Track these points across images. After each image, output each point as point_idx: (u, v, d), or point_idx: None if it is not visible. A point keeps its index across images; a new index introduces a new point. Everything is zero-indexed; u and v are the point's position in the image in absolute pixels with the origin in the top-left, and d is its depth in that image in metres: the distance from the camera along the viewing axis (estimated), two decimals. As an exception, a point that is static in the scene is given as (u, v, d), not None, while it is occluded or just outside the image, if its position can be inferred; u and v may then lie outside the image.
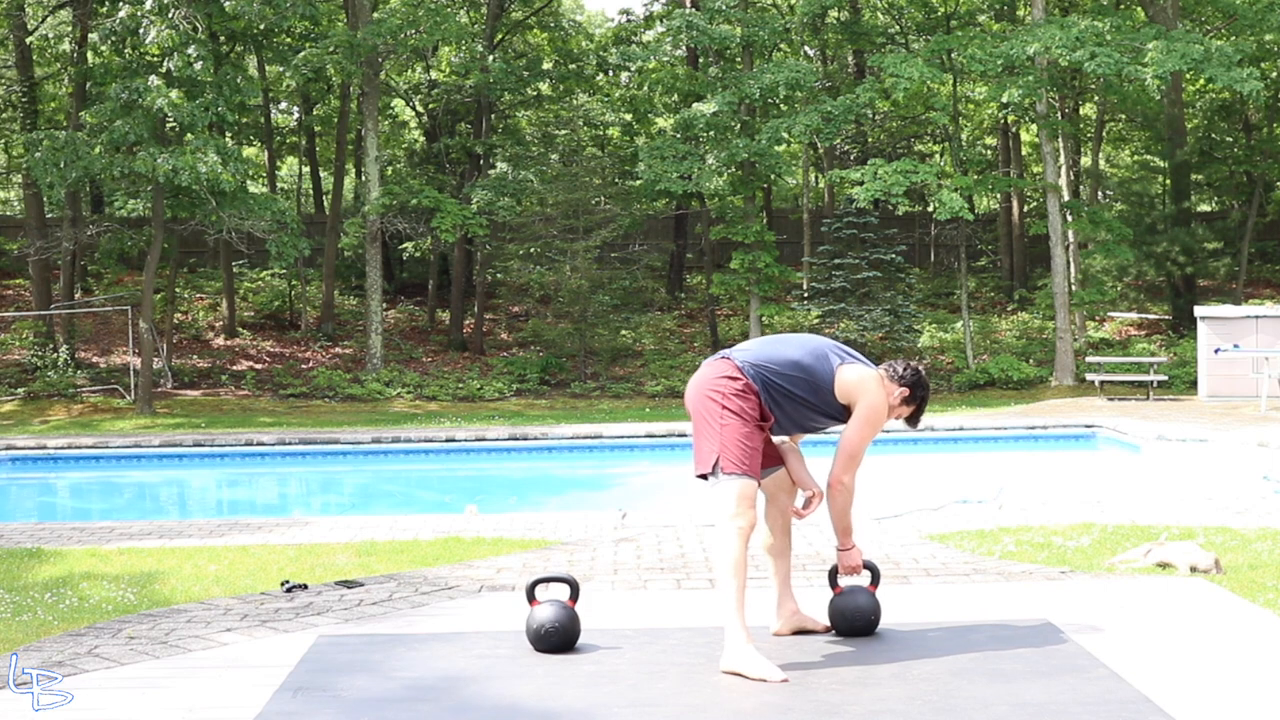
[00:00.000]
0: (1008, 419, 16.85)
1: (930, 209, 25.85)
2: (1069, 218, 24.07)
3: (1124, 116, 30.61)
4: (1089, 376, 20.40)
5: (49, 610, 5.96)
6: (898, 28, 29.16)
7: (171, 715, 4.34)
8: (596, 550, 7.39)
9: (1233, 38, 23.09)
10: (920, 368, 5.15)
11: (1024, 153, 30.94)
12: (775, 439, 5.23)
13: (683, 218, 28.69)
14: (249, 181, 25.27)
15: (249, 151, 31.49)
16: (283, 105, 31.38)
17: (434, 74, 28.11)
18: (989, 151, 31.10)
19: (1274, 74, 26.73)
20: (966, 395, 21.41)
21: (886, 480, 13.80)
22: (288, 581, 6.42)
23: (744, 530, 4.75)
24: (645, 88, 26.07)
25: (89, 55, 23.57)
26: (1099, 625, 5.33)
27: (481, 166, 26.17)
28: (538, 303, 25.63)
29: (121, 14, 19.05)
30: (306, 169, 33.35)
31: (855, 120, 25.06)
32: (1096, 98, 28.45)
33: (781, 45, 25.75)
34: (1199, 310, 19.65)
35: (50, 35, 27.34)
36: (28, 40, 24.10)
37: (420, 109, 29.47)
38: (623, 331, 24.39)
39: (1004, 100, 21.87)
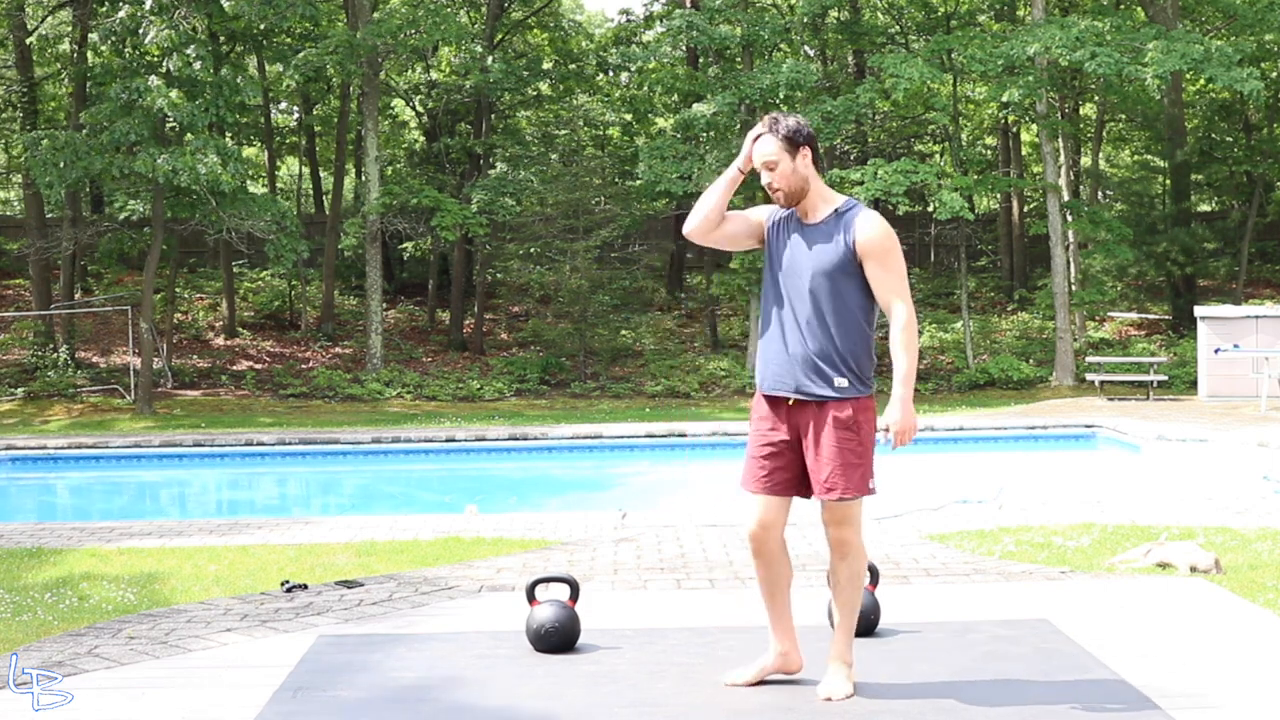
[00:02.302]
0: (1008, 419, 16.85)
1: (930, 209, 25.84)
2: (1069, 218, 24.07)
3: (1124, 116, 30.60)
4: (1089, 376, 20.39)
5: (49, 610, 5.96)
6: (898, 28, 29.15)
7: (171, 715, 4.34)
8: (596, 550, 7.39)
9: (1233, 38, 23.09)
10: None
11: (1024, 153, 30.93)
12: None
13: (683, 218, 28.65)
14: (249, 182, 25.26)
15: (249, 152, 31.47)
16: (283, 105, 31.37)
17: (434, 74, 28.11)
18: (989, 151, 31.09)
19: (1274, 74, 26.73)
20: (966, 395, 21.41)
21: (886, 480, 13.81)
22: (288, 581, 6.42)
23: (749, 542, 4.47)
24: (645, 88, 26.07)
25: (89, 55, 23.55)
26: (1099, 625, 5.33)
27: (481, 166, 26.17)
28: (538, 303, 25.63)
29: (121, 14, 19.04)
30: (306, 169, 33.35)
31: (855, 120, 25.05)
32: (1096, 98, 28.44)
33: (781, 45, 25.74)
34: (1199, 310, 19.64)
35: (50, 35, 27.34)
36: (28, 40, 24.10)
37: (420, 109, 29.46)
38: (623, 331, 24.38)
39: (1004, 100, 21.87)
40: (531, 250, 24.09)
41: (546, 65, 27.98)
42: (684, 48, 25.58)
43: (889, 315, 4.24)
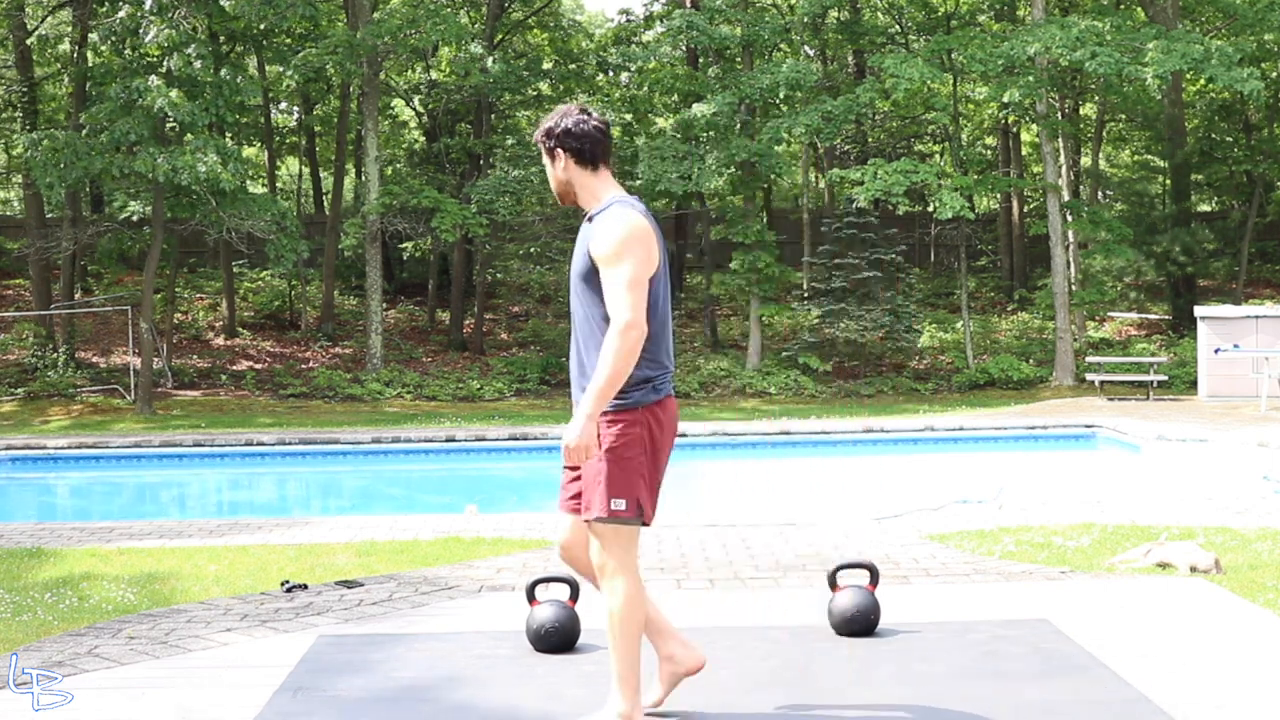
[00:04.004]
0: (1008, 419, 16.84)
1: (930, 209, 25.85)
2: (1069, 218, 24.07)
3: (1124, 116, 30.60)
4: (1089, 376, 20.39)
5: (49, 610, 5.96)
6: (898, 28, 29.16)
7: (171, 715, 4.34)
8: (596, 550, 7.38)
9: (1233, 38, 23.09)
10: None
11: (1024, 153, 30.93)
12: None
13: (683, 218, 28.68)
14: (249, 182, 25.26)
15: (249, 151, 31.47)
16: (283, 105, 31.37)
17: (434, 74, 28.11)
18: (989, 151, 31.09)
19: (1274, 74, 26.73)
20: (966, 395, 21.40)
21: (887, 480, 13.82)
22: (288, 581, 6.42)
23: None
24: (645, 88, 26.08)
25: (89, 55, 23.56)
26: (1099, 625, 5.33)
27: (481, 167, 26.17)
28: (538, 303, 25.63)
29: (121, 14, 19.04)
30: (306, 169, 33.35)
31: (855, 120, 25.06)
32: (1096, 98, 28.44)
33: (781, 45, 25.75)
34: (1199, 310, 19.64)
35: (50, 35, 27.33)
36: (28, 40, 24.10)
37: (420, 109, 29.46)
38: (623, 332, 24.34)
39: (1004, 100, 21.86)
40: (531, 250, 24.09)
41: (546, 65, 27.97)
42: (684, 48, 25.58)
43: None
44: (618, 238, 3.88)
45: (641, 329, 3.81)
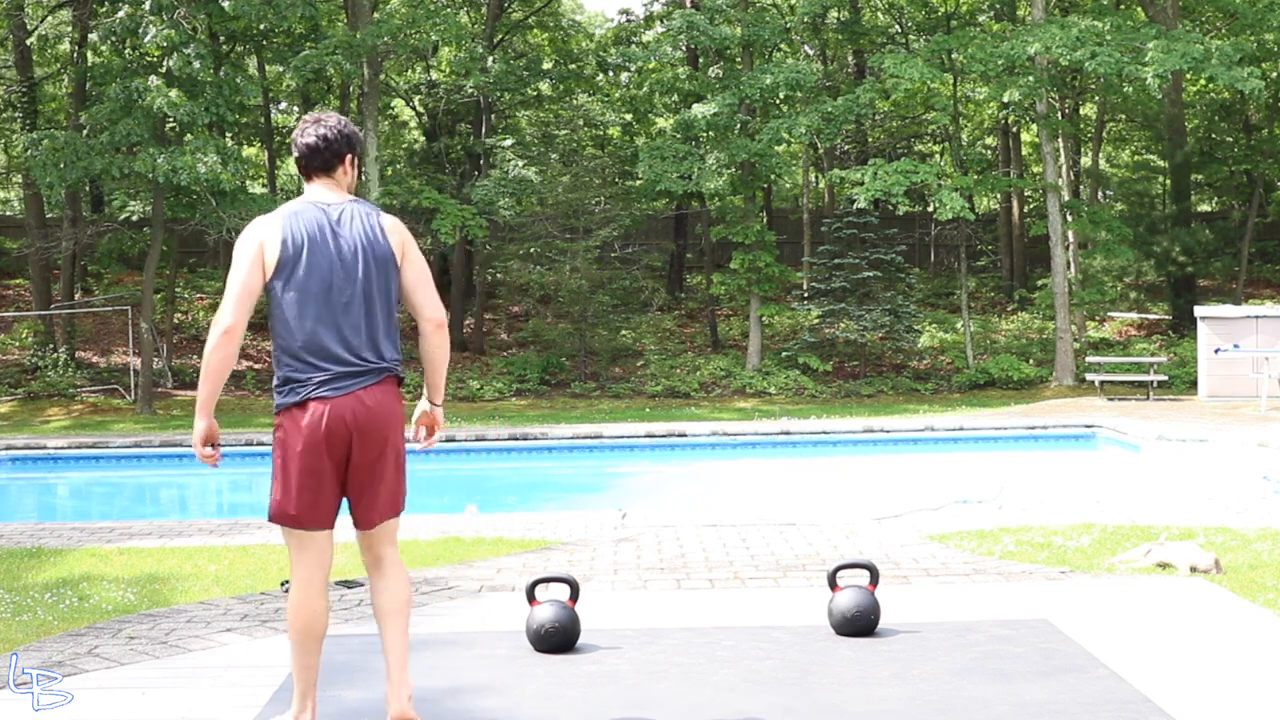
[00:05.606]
0: (1008, 419, 16.85)
1: (930, 209, 25.85)
2: (1069, 218, 24.07)
3: (1124, 116, 30.60)
4: (1089, 376, 20.39)
5: (49, 610, 5.96)
6: (898, 28, 29.16)
7: (171, 715, 4.34)
8: (596, 550, 7.39)
9: (1233, 38, 23.08)
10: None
11: (1024, 153, 30.93)
12: None
13: (683, 218, 28.68)
14: (249, 182, 25.25)
15: (249, 151, 31.46)
16: (283, 105, 31.36)
17: (434, 74, 28.10)
18: (989, 151, 31.09)
19: (1274, 74, 26.73)
20: (966, 395, 21.40)
21: (887, 480, 13.81)
22: (288, 581, 6.40)
23: None
24: (645, 88, 26.08)
25: (89, 55, 23.55)
26: (1099, 625, 5.33)
27: (481, 166, 26.17)
28: (538, 303, 25.62)
29: (121, 14, 19.04)
30: (307, 169, 33.28)
31: (855, 120, 25.05)
32: (1096, 98, 28.45)
33: (781, 45, 25.75)
34: (1199, 310, 19.64)
35: (50, 35, 27.33)
36: (28, 40, 24.10)
37: (420, 109, 29.46)
38: (623, 331, 24.38)
39: (1004, 100, 21.87)
40: (531, 250, 24.09)
41: (546, 65, 27.97)
42: (684, 48, 25.59)
43: None
44: (237, 246, 4.04)
45: (225, 326, 3.91)
